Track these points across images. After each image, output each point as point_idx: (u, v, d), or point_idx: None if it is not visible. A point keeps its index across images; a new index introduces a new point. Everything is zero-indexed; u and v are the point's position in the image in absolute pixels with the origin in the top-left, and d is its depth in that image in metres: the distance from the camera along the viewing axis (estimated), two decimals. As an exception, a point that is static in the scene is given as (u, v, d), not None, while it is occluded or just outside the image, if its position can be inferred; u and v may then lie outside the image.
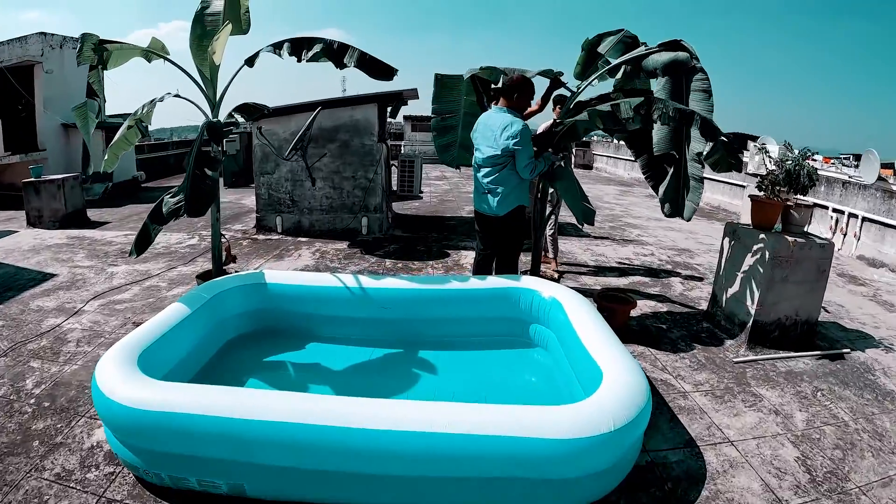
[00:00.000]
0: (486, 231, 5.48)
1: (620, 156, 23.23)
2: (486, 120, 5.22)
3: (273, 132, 9.63)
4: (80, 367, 5.05)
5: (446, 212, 12.61)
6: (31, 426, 4.17)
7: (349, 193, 9.87)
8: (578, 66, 5.81)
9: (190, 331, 4.39)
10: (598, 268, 8.11)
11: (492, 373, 4.71)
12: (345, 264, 8.07)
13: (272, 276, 5.22)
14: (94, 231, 11.30)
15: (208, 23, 5.77)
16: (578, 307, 4.49)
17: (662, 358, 5.18)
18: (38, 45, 17.53)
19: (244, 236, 10.11)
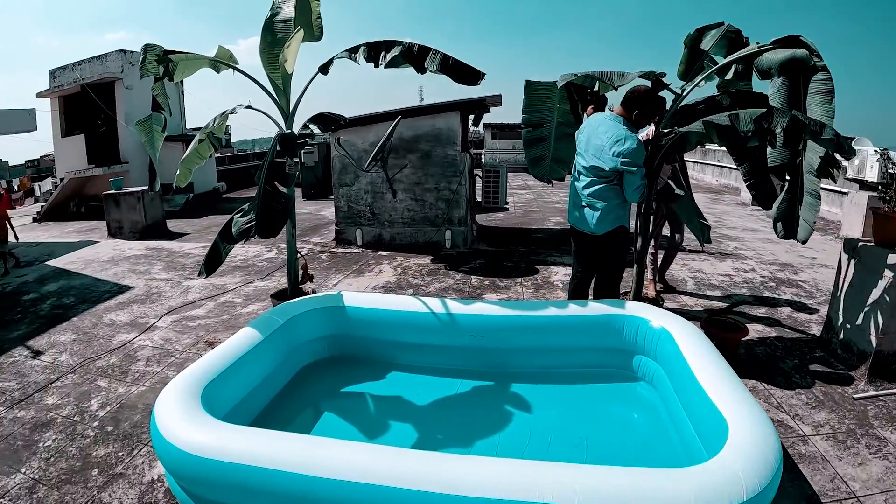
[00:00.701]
0: (584, 250, 5.01)
1: (707, 161, 22.35)
2: (596, 124, 4.72)
3: (352, 143, 9.42)
4: (148, 388, 4.92)
5: (532, 223, 12.18)
6: (92, 452, 4.03)
7: (432, 205, 9.55)
8: (682, 64, 5.29)
9: (261, 359, 4.11)
10: (697, 286, 7.55)
11: (592, 409, 4.24)
12: (428, 281, 7.76)
13: (351, 299, 4.89)
14: (172, 242, 11.35)
15: (279, 30, 5.58)
16: (693, 340, 3.98)
17: (777, 394, 4.64)
18: (117, 63, 18.09)
19: (323, 249, 9.95)
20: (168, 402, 3.23)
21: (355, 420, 4.08)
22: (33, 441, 4.23)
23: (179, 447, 2.89)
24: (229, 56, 5.45)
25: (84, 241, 12.21)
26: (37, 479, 3.76)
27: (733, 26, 5.13)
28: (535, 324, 4.55)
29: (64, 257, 10.79)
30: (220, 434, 2.94)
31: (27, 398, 4.90)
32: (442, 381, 4.55)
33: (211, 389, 3.44)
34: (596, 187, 4.63)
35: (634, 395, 4.41)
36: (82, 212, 18.75)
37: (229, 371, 3.71)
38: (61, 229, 15.04)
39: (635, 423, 4.14)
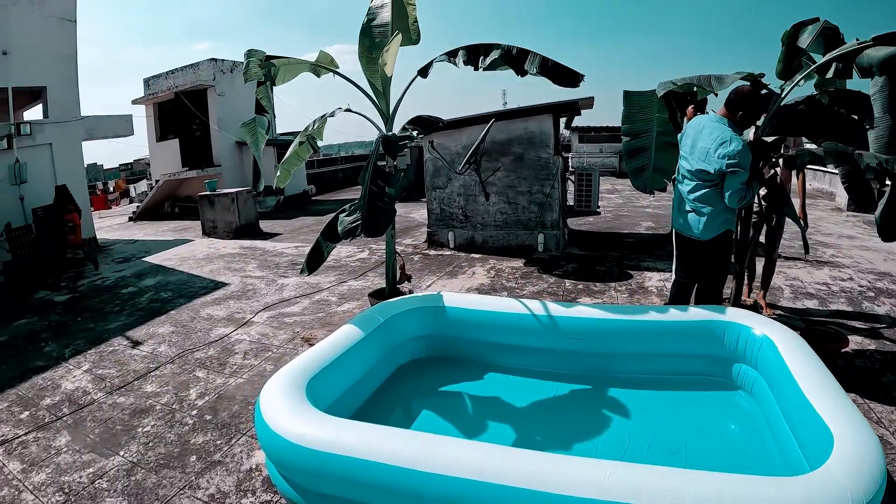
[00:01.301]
0: (688, 255, 4.88)
1: (801, 163, 21.65)
2: (700, 126, 4.61)
3: (444, 146, 9.47)
4: (246, 381, 5.03)
5: (623, 228, 12.02)
6: (191, 439, 4.15)
7: (524, 209, 9.50)
8: (780, 63, 5.11)
9: (362, 356, 4.17)
10: (794, 295, 7.33)
11: (689, 418, 4.14)
12: (521, 284, 7.72)
13: (450, 299, 4.91)
14: (265, 242, 11.59)
15: (376, 34, 5.65)
16: (797, 349, 3.86)
17: (877, 409, 4.43)
18: (209, 71, 18.76)
19: (415, 251, 10.03)
20: (273, 393, 3.30)
21: (452, 419, 4.09)
22: (132, 426, 4.39)
23: (284, 437, 2.95)
24: (330, 60, 5.56)
25: (179, 240, 12.59)
26: (135, 463, 3.89)
27: (830, 23, 4.96)
28: (633, 328, 4.48)
29: (160, 254, 11.16)
30: (328, 426, 2.98)
31: (127, 385, 5.10)
32: (539, 383, 4.51)
33: (315, 383, 3.50)
34: (702, 191, 4.52)
35: (733, 405, 4.29)
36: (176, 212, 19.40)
37: (332, 366, 3.77)
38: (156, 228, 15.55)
39: (733, 433, 4.04)
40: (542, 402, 4.30)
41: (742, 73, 4.78)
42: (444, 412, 4.20)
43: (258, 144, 5.42)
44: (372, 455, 2.76)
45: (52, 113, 12.39)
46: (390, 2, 5.62)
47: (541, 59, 5.16)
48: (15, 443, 4.33)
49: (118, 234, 15.25)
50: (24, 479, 3.86)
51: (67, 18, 12.59)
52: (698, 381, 4.47)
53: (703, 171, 4.42)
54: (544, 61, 5.15)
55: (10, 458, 4.13)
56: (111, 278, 9.50)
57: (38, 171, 11.74)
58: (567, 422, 4.04)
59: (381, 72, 5.33)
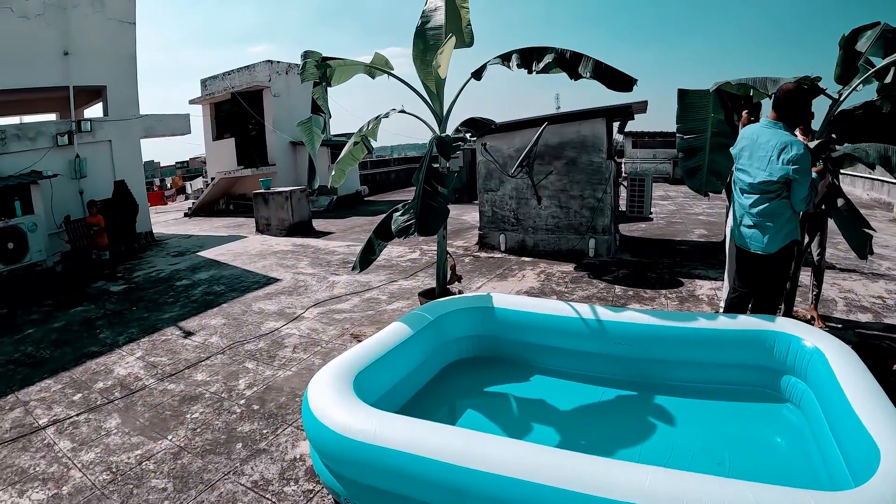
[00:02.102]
0: (749, 268, 4.74)
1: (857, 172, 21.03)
2: (754, 136, 4.46)
3: (497, 148, 9.49)
4: (294, 373, 5.11)
5: (675, 235, 11.88)
6: (237, 427, 4.24)
7: (576, 213, 9.47)
8: (838, 67, 5.03)
9: (410, 353, 4.20)
10: (847, 307, 7.19)
11: (734, 428, 4.07)
12: (571, 288, 7.71)
13: (500, 301, 4.91)
14: (318, 240, 11.73)
15: (430, 37, 5.72)
16: (847, 362, 3.76)
17: None
18: (265, 72, 19.13)
19: (465, 253, 10.05)
20: (321, 384, 3.36)
21: (497, 419, 4.10)
22: (181, 412, 4.52)
23: (331, 428, 3.00)
24: (385, 62, 5.63)
25: (233, 236, 12.81)
26: (182, 447, 4.01)
27: (890, 26, 4.86)
28: (682, 335, 4.42)
29: (214, 249, 11.37)
30: (371, 419, 3.02)
31: (177, 373, 5.25)
32: (585, 387, 4.50)
33: (363, 377, 3.55)
34: (764, 205, 4.39)
35: (780, 417, 4.20)
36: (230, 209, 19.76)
37: (381, 361, 3.81)
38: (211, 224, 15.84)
39: (779, 447, 3.95)
40: (586, 406, 4.29)
41: (798, 77, 4.72)
42: (489, 412, 4.22)
43: (314, 143, 5.51)
44: (414, 449, 2.80)
45: (112, 111, 12.82)
46: (444, 4, 5.68)
47: (594, 62, 5.15)
48: (66, 423, 4.50)
49: (174, 229, 15.58)
50: (73, 457, 4.01)
51: (127, 20, 12.99)
52: (746, 392, 4.39)
53: (766, 183, 4.29)
54: (597, 65, 5.14)
55: (61, 436, 4.29)
56: (166, 271, 9.73)
57: (98, 166, 12.15)
58: (611, 427, 4.03)
59: (434, 74, 5.40)
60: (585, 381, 4.56)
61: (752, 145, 4.41)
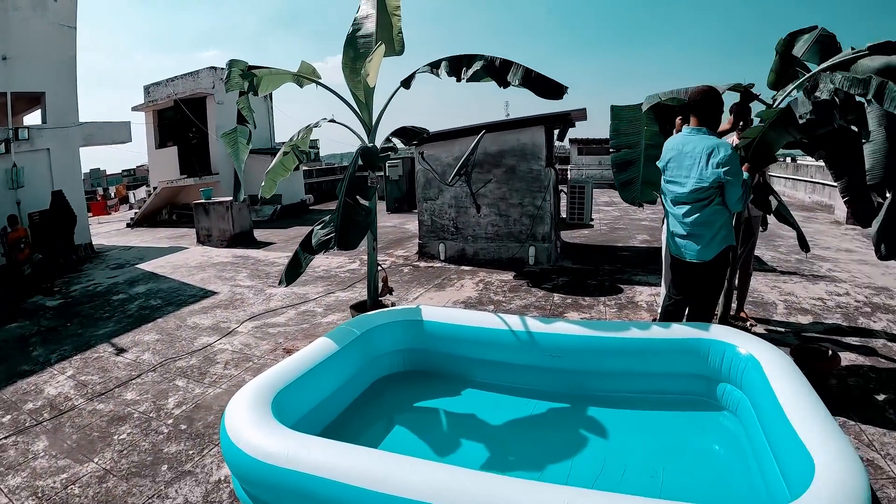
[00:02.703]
0: (685, 277, 4.72)
1: (799, 177, 21.53)
2: (679, 146, 4.46)
3: (436, 157, 9.43)
4: (224, 391, 5.02)
5: (618, 241, 11.97)
6: (164, 449, 4.15)
7: (516, 221, 9.46)
8: (772, 73, 5.05)
9: (336, 369, 4.11)
10: (788, 310, 7.26)
11: (670, 439, 4.02)
12: (509, 297, 7.67)
13: (429, 313, 4.84)
14: (258, 251, 11.61)
15: (361, 45, 5.65)
16: (781, 368, 3.74)
17: (869, 431, 4.31)
18: (209, 79, 18.91)
19: (406, 262, 9.97)
20: (239, 406, 3.26)
21: (427, 436, 4.03)
22: (109, 433, 4.40)
23: (245, 451, 2.92)
24: (312, 71, 5.53)
25: (174, 247, 12.61)
26: (108, 470, 3.89)
27: (827, 30, 4.90)
28: (614, 346, 4.37)
29: (154, 261, 11.17)
30: (286, 441, 2.94)
31: (107, 392, 5.11)
32: (517, 400, 4.43)
33: (282, 397, 3.46)
34: (697, 214, 4.37)
35: (716, 426, 4.18)
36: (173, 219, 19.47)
37: (302, 380, 3.72)
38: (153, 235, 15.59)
39: (715, 456, 3.91)
40: (518, 420, 4.22)
41: (731, 84, 4.73)
42: (419, 428, 4.14)
43: (239, 155, 5.40)
44: (328, 473, 2.71)
45: (51, 118, 12.53)
46: (375, 12, 5.62)
47: (524, 70, 5.12)
48: (-5, 446, 4.35)
49: (115, 240, 15.32)
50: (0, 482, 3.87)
51: (68, 25, 12.72)
52: (682, 401, 4.37)
53: (699, 190, 4.27)
54: (527, 73, 5.11)
55: (-11, 460, 4.15)
56: (104, 284, 9.53)
57: (36, 176, 11.88)
58: (542, 441, 3.95)
59: (363, 83, 5.31)
60: (518, 394, 4.50)
61: (678, 155, 4.39)
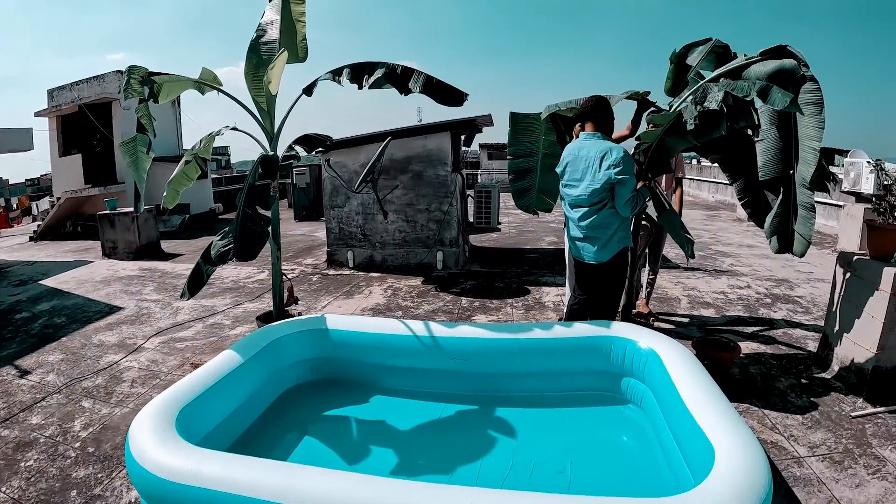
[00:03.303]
0: (586, 277, 4.90)
1: (703, 177, 22.43)
2: (576, 151, 4.62)
3: (342, 164, 9.39)
4: (131, 410, 4.89)
5: (526, 244, 12.16)
6: (72, 473, 4.02)
7: (423, 227, 9.49)
8: (668, 80, 5.27)
9: (241, 382, 4.05)
10: (691, 304, 7.51)
11: (578, 434, 4.14)
12: (418, 303, 7.71)
13: (335, 322, 4.82)
14: (166, 263, 11.35)
15: (264, 51, 5.56)
16: (680, 360, 3.89)
17: (771, 414, 4.57)
18: (114, 83, 18.24)
19: (315, 271, 9.90)
20: (142, 425, 3.18)
21: (337, 445, 4.02)
22: (15, 460, 4.23)
23: (150, 471, 2.86)
24: (213, 78, 5.43)
25: (79, 261, 12.21)
26: (15, 499, 3.75)
27: (721, 41, 5.10)
28: (520, 347, 4.46)
29: (58, 276, 10.78)
30: (190, 458, 2.89)
31: (11, 418, 4.90)
32: (426, 405, 4.47)
33: (187, 413, 3.39)
34: (593, 217, 4.54)
35: (622, 419, 4.31)
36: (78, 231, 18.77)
37: (206, 395, 3.65)
38: (57, 248, 15.06)
39: (623, 448, 4.05)
40: (427, 424, 4.25)
41: (628, 92, 4.89)
42: (329, 438, 4.13)
43: (138, 165, 5.25)
44: (234, 488, 2.68)
45: (-56, 125, 11.88)
46: (280, 18, 5.55)
47: (425, 77, 5.15)
48: None
49: (17, 254, 14.66)
50: None
51: (-36, 24, 12.12)
52: (588, 397, 4.49)
53: (593, 193, 4.43)
54: (428, 80, 5.14)
55: None
56: (6, 303, 9.15)
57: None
58: (452, 444, 4.00)
59: (265, 90, 5.25)
60: (426, 398, 4.53)
61: (575, 160, 4.56)
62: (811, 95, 4.31)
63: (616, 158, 4.29)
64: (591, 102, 4.59)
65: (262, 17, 5.69)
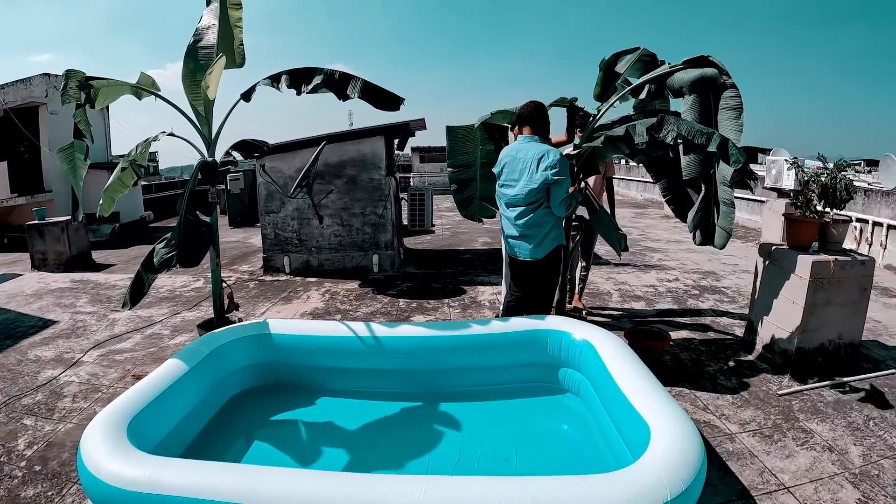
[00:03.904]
0: (521, 274, 5.06)
1: (632, 177, 23.02)
2: (514, 152, 4.80)
3: (277, 169, 9.34)
4: (75, 425, 4.81)
5: (460, 245, 12.30)
6: (21, 493, 3.94)
7: (358, 230, 9.53)
8: (597, 87, 5.50)
9: (188, 390, 4.04)
10: (622, 298, 7.74)
11: (521, 424, 4.31)
12: (356, 306, 7.75)
13: (276, 326, 4.84)
14: (98, 274, 11.11)
15: (201, 56, 5.52)
16: (613, 349, 4.10)
17: (703, 396, 4.82)
18: (42, 87, 17.57)
19: (251, 277, 9.82)
20: (94, 437, 3.18)
21: (286, 447, 4.06)
22: (-39, 485, 4.16)
23: (106, 482, 2.86)
24: (151, 83, 5.38)
25: (7, 274, 11.87)
26: (-35, 525, 3.69)
27: (648, 50, 5.35)
28: (459, 343, 4.60)
29: (-14, 291, 10.49)
30: (147, 466, 2.91)
31: (-47, 441, 4.79)
32: (372, 404, 4.54)
33: (137, 422, 3.39)
34: (529, 216, 4.71)
35: (562, 407, 4.51)
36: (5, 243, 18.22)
37: (155, 403, 3.65)
38: (-16, 262, 14.61)
39: (564, 434, 4.26)
40: (374, 422, 4.33)
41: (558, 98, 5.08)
42: (278, 441, 4.17)
43: (76, 172, 5.18)
44: (191, 492, 2.72)
45: None
46: (217, 23, 5.53)
47: (363, 83, 5.21)
48: None
49: (-57, 270, 14.19)
50: None
51: None
52: (529, 389, 4.66)
53: (530, 192, 4.61)
54: (366, 85, 5.21)
55: None
56: (-64, 323, 8.87)
57: None
58: (400, 441, 4.09)
59: (203, 95, 5.22)
60: (371, 397, 4.61)
61: (512, 161, 4.74)
62: (731, 101, 4.67)
63: (553, 160, 4.49)
64: (529, 108, 4.78)
65: (200, 21, 5.64)
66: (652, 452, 2.81)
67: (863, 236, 10.36)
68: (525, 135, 4.80)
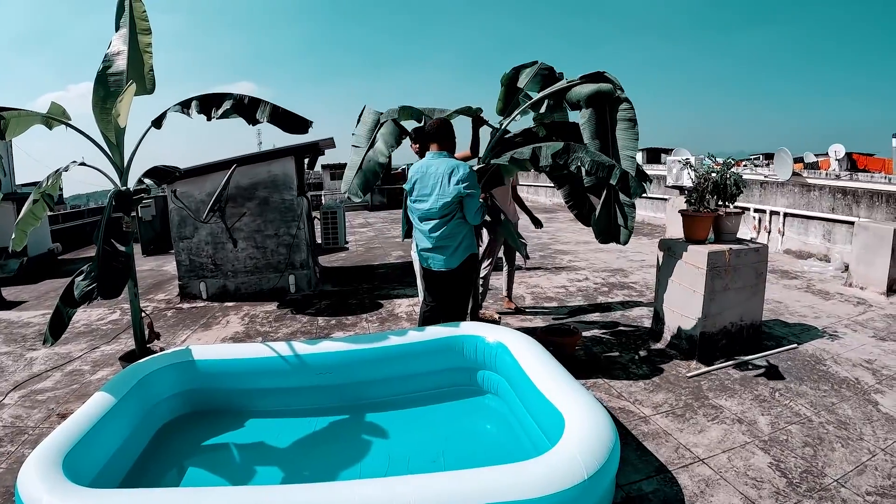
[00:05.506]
0: (436, 284, 5.29)
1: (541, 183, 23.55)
2: (425, 168, 4.99)
3: (189, 194, 9.20)
4: (5, 470, 4.68)
5: (375, 259, 12.38)
6: (-41, 545, 3.87)
7: (273, 252, 9.50)
8: (500, 102, 5.74)
9: (118, 422, 4.05)
10: (535, 300, 8.01)
11: (446, 427, 4.53)
12: (276, 327, 7.78)
13: (200, 352, 4.87)
14: (9, 312, 10.69)
15: (111, 83, 5.46)
16: (526, 348, 4.38)
17: (616, 385, 5.10)
18: None
19: (168, 306, 9.67)
20: (30, 476, 3.17)
21: (221, 470, 4.11)
22: None
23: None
24: (62, 112, 5.29)
25: (-89, 318, 11.42)
26: None
27: (546, 64, 5.63)
28: (380, 354, 4.76)
29: None
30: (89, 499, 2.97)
31: None
32: (300, 421, 4.63)
33: (71, 458, 3.40)
34: (443, 228, 4.92)
35: (483, 407, 4.76)
36: None
37: (87, 438, 3.65)
38: None
39: (487, 432, 4.53)
40: (304, 438, 4.43)
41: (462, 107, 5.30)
42: (212, 466, 4.22)
43: (-10, 207, 5.12)
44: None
45: None
46: (127, 49, 5.50)
47: (271, 107, 5.31)
48: None
49: None
50: None
51: None
52: (451, 393, 4.88)
53: (443, 206, 4.82)
54: (275, 109, 5.32)
55: None
56: None
57: None
58: (330, 454, 4.20)
59: (114, 123, 5.20)
60: (298, 415, 4.71)
61: (423, 177, 4.94)
62: (626, 113, 5.06)
63: (463, 175, 4.73)
64: (435, 125, 4.97)
65: (109, 47, 5.56)
66: (567, 438, 3.09)
67: (762, 225, 10.96)
68: (433, 151, 4.99)
